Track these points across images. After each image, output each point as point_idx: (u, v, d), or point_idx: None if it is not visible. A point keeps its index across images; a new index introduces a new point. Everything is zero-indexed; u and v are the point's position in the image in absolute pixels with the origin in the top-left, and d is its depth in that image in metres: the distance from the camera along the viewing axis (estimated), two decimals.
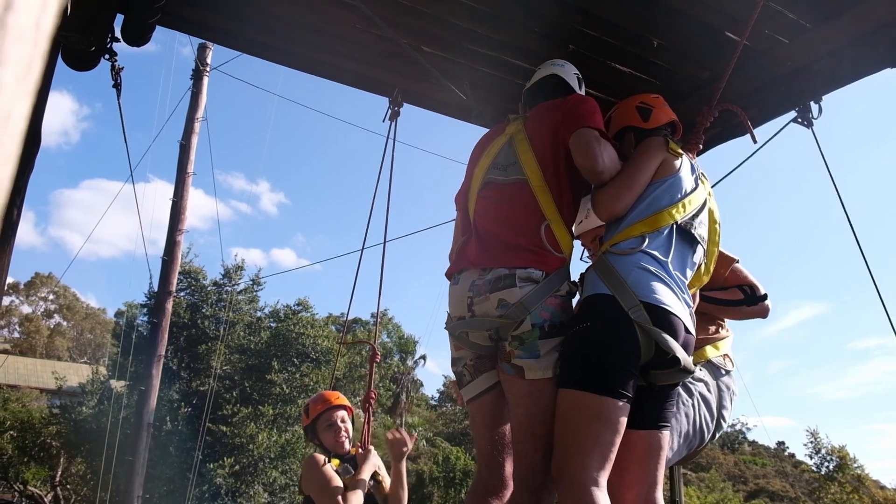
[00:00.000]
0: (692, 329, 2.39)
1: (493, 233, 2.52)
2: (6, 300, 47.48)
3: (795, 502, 28.78)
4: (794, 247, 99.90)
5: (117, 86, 3.72)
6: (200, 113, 11.05)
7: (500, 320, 2.35)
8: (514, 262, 2.39)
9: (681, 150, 2.58)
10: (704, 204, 2.60)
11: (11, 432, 22.42)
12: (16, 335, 49.23)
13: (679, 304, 2.34)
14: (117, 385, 17.74)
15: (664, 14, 3.34)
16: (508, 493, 2.46)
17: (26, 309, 51.04)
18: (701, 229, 2.55)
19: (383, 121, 3.80)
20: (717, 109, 2.84)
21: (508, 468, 2.49)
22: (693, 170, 2.62)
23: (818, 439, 26.13)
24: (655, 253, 2.38)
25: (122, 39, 3.33)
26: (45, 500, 24.09)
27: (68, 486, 24.44)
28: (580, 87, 2.89)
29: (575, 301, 2.48)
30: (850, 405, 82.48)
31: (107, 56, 3.41)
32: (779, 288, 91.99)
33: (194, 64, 11.06)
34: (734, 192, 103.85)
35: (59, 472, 23.79)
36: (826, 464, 26.36)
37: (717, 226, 2.68)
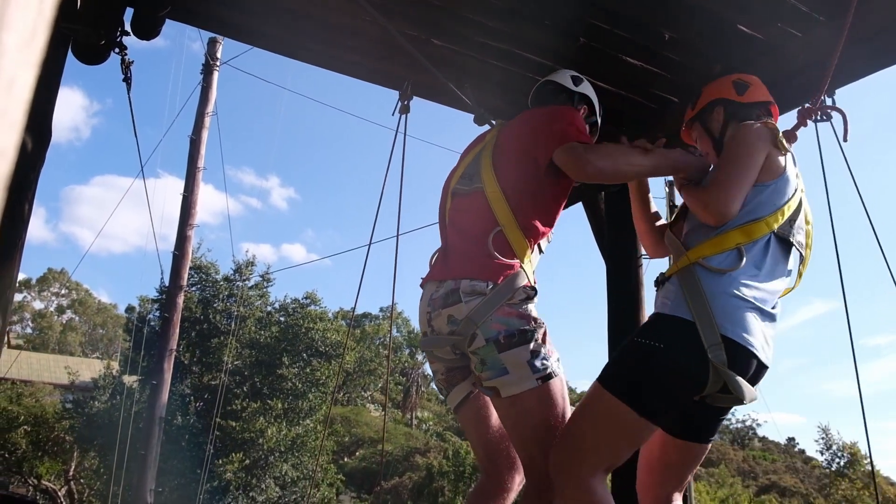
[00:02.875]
0: (769, 361, 2.18)
1: (452, 244, 2.46)
2: (18, 296, 47.84)
3: (806, 498, 28.65)
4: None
5: (127, 80, 3.72)
6: (210, 108, 11.08)
7: (453, 337, 2.27)
8: (461, 274, 2.29)
9: (788, 146, 2.33)
10: (800, 204, 2.34)
11: (25, 427, 22.60)
12: (28, 331, 49.62)
13: (762, 338, 2.13)
14: (129, 380, 17.84)
15: (676, 7, 3.32)
16: (509, 499, 2.42)
17: (38, 305, 51.47)
18: (799, 235, 2.30)
19: (393, 114, 3.79)
20: (821, 110, 2.60)
21: (506, 474, 2.43)
22: (794, 164, 2.38)
23: (829, 436, 26.02)
24: (751, 274, 2.14)
25: (131, 33, 3.34)
26: (59, 494, 24.28)
27: (82, 481, 24.61)
28: (577, 85, 2.80)
29: (532, 306, 2.30)
30: (863, 402, 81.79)
31: (116, 50, 3.41)
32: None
33: (204, 59, 11.08)
34: None
35: (73, 467, 23.96)
36: (837, 460, 26.26)
37: (810, 227, 2.40)
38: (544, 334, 2.25)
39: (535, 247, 2.45)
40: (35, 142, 2.83)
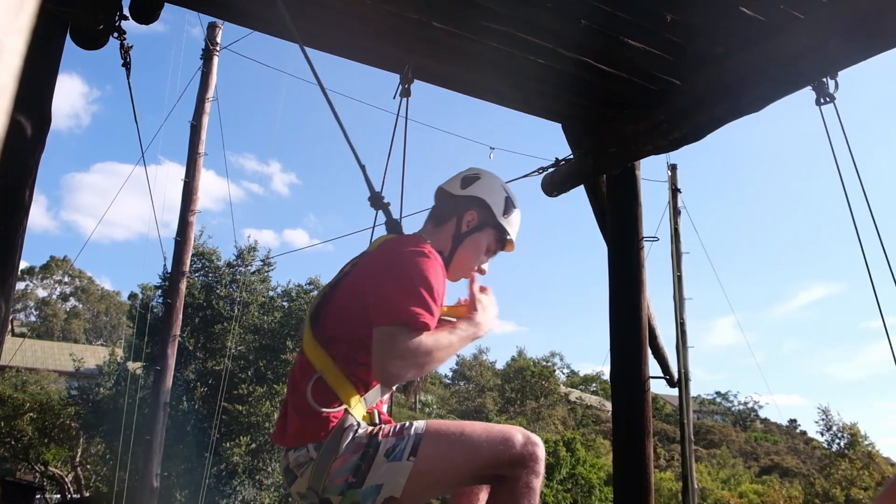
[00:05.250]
0: None
1: (286, 396, 2.29)
2: (21, 284, 47.96)
3: (807, 478, 28.80)
4: (807, 227, 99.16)
5: (127, 65, 3.71)
6: (211, 93, 11.04)
7: None
8: (291, 441, 2.14)
9: None
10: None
11: (31, 414, 22.73)
12: (32, 319, 49.78)
13: None
14: (134, 366, 17.92)
15: None
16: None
17: (42, 293, 51.60)
18: None
19: (394, 97, 3.77)
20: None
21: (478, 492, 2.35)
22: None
23: (829, 417, 26.14)
24: None
25: (130, 17, 3.32)
26: (67, 480, 24.46)
27: (88, 466, 24.79)
28: (465, 187, 2.43)
29: (362, 431, 2.11)
30: (863, 384, 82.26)
31: (115, 34, 3.39)
32: (792, 268, 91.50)
33: (204, 44, 11.03)
34: (749, 172, 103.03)
35: (79, 453, 24.12)
36: (837, 441, 26.40)
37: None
38: (384, 433, 2.11)
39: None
40: (35, 127, 2.82)
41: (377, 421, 2.17)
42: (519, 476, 2.12)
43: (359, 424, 2.11)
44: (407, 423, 2.16)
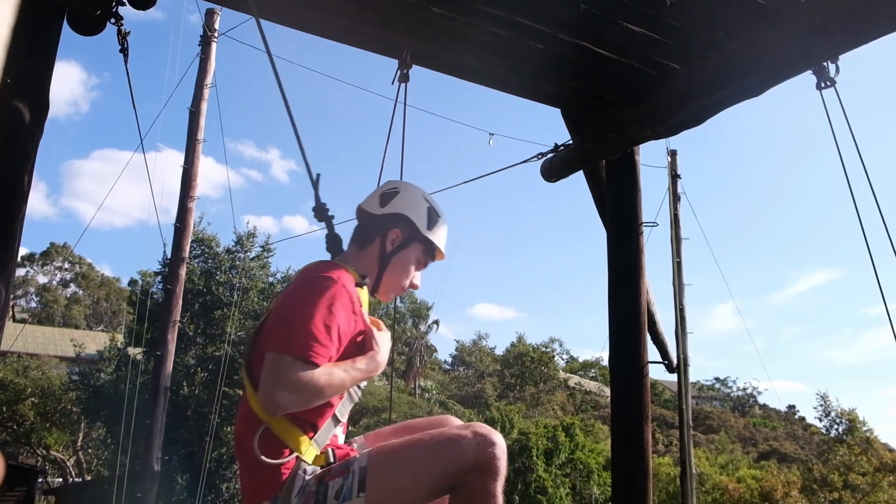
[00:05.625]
0: None
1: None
2: (21, 271, 47.99)
3: (805, 464, 28.95)
4: (808, 213, 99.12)
5: (124, 51, 3.70)
6: (209, 79, 11.00)
7: None
8: (247, 502, 2.07)
9: None
10: None
11: (33, 399, 22.84)
12: (33, 305, 49.86)
13: None
14: (134, 351, 17.97)
15: None
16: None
17: (42, 279, 51.64)
18: None
19: (392, 83, 3.76)
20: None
21: None
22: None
23: (828, 403, 26.23)
24: None
25: (127, 3, 3.31)
26: (68, 464, 24.59)
27: (89, 451, 24.92)
28: (385, 205, 2.33)
29: (310, 478, 2.05)
30: (863, 370, 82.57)
31: (112, 20, 3.38)
32: (793, 254, 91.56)
33: (202, 30, 10.98)
34: (749, 158, 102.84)
35: (81, 437, 24.26)
36: (836, 426, 26.51)
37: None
38: (330, 474, 2.05)
39: (330, 416, 2.14)
40: (33, 113, 2.82)
41: (332, 459, 2.09)
42: (474, 482, 1.99)
43: (307, 472, 2.04)
44: (351, 458, 2.07)
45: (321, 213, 2.47)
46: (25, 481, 18.20)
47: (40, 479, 20.17)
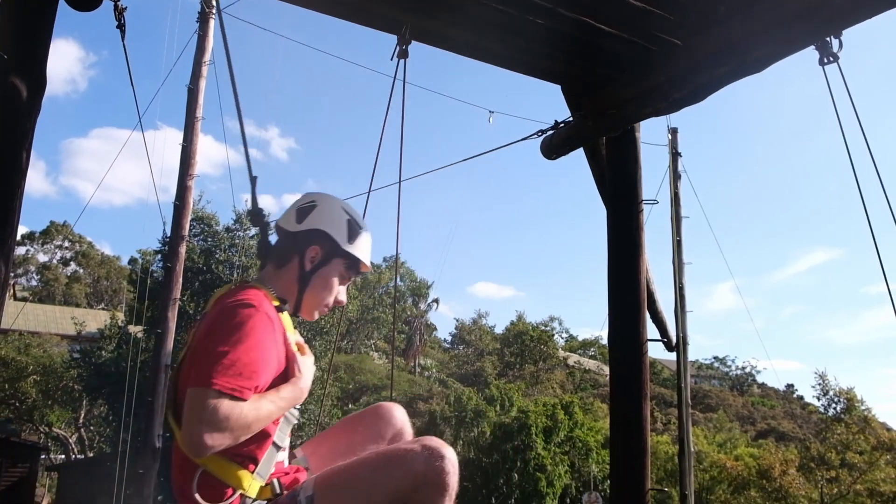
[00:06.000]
0: None
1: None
2: (22, 249, 48.00)
3: (803, 443, 29.16)
4: (809, 192, 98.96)
5: (121, 26, 3.67)
6: (207, 56, 10.94)
7: None
8: None
9: None
10: None
11: (34, 377, 22.94)
12: (34, 283, 49.93)
13: None
14: (135, 330, 18.03)
15: None
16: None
17: (43, 257, 51.67)
18: None
19: (391, 59, 3.73)
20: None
21: None
22: None
23: (826, 382, 26.35)
24: None
25: None
26: (71, 440, 24.77)
27: (91, 427, 25.08)
28: (301, 221, 2.18)
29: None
30: (862, 349, 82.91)
31: None
32: (793, 233, 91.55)
33: (200, 6, 10.89)
34: (751, 136, 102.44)
35: (82, 414, 24.40)
36: (834, 405, 26.65)
37: None
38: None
39: (269, 445, 2.04)
40: (30, 89, 2.80)
41: (278, 490, 2.02)
42: (424, 498, 1.94)
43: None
44: (298, 488, 2.01)
45: (257, 218, 2.40)
46: (28, 458, 18.34)
47: (43, 456, 20.32)
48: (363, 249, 2.24)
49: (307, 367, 2.08)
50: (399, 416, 2.32)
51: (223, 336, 1.84)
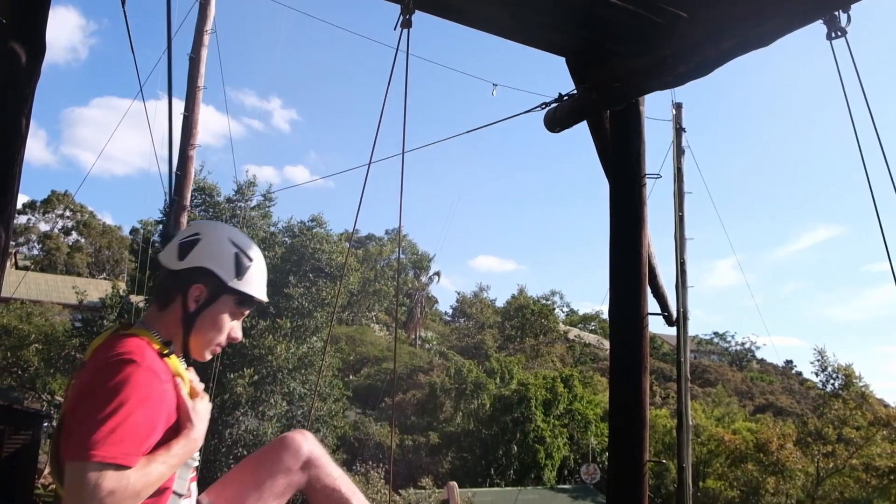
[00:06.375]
0: None
1: None
2: (23, 218, 48.01)
3: (801, 418, 29.36)
4: (813, 169, 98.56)
5: None
6: (209, 25, 10.84)
7: None
8: None
9: None
10: None
11: (36, 345, 23.06)
12: (35, 252, 50.02)
13: None
14: (136, 299, 18.09)
15: None
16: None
17: (44, 226, 51.71)
18: None
19: (394, 28, 3.69)
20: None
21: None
22: None
23: (825, 358, 26.45)
24: None
25: None
26: None
27: None
28: (183, 258, 1.99)
29: None
30: (862, 327, 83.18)
31: None
32: (794, 209, 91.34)
33: None
34: (755, 112, 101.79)
35: None
36: (832, 381, 26.78)
37: None
38: None
39: (170, 496, 1.90)
40: (29, 53, 2.77)
41: None
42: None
43: None
44: None
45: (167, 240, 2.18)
46: (31, 425, 18.48)
47: (45, 424, 20.47)
48: (254, 284, 2.06)
49: (200, 413, 1.92)
50: (306, 444, 2.23)
51: (101, 399, 1.65)
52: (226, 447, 17.12)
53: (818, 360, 26.64)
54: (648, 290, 4.48)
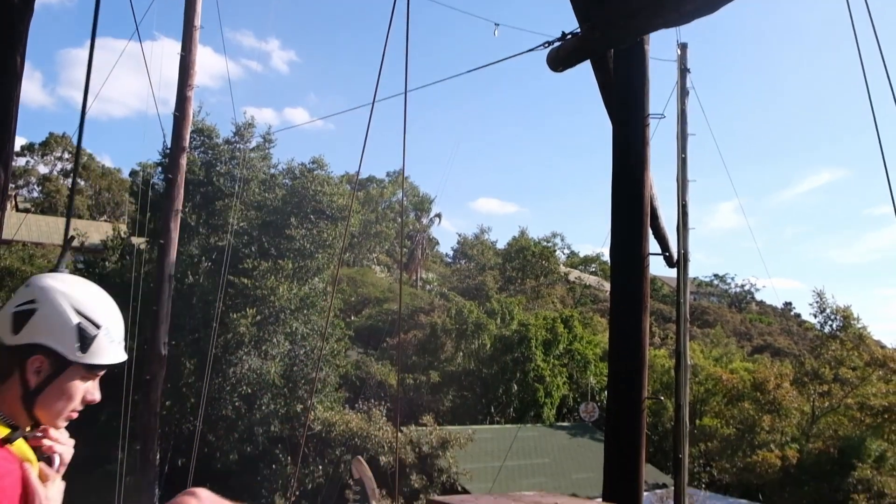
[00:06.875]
0: None
1: None
2: (22, 160, 47.74)
3: (798, 358, 29.71)
4: (817, 111, 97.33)
5: None
6: None
7: None
8: None
9: None
10: None
11: None
12: (35, 195, 49.90)
13: None
14: (138, 241, 18.13)
15: None
16: None
17: (43, 169, 51.44)
18: None
19: None
20: None
21: None
22: None
23: (824, 299, 26.58)
24: None
25: None
26: None
27: None
28: (17, 332, 1.69)
29: None
30: (863, 270, 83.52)
31: None
32: (798, 152, 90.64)
33: None
34: (761, 53, 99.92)
35: None
36: (830, 323, 26.98)
37: None
38: None
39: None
40: None
41: None
42: None
43: None
44: None
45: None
46: None
47: None
48: (103, 353, 1.76)
49: (52, 500, 1.68)
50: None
51: None
52: (230, 385, 17.39)
53: (817, 302, 26.79)
54: (650, 230, 4.48)
